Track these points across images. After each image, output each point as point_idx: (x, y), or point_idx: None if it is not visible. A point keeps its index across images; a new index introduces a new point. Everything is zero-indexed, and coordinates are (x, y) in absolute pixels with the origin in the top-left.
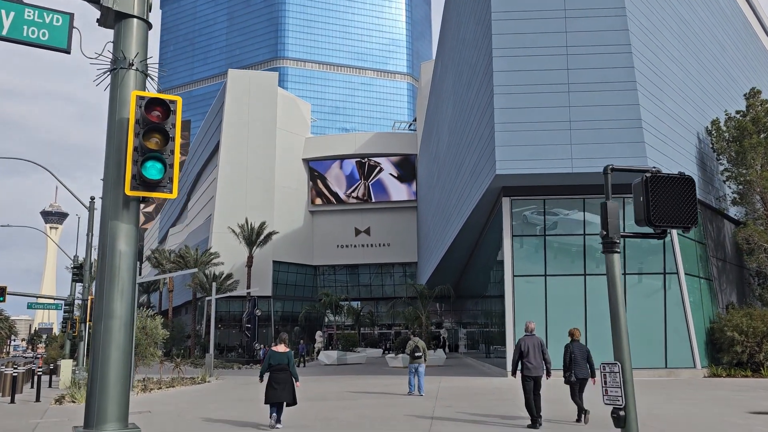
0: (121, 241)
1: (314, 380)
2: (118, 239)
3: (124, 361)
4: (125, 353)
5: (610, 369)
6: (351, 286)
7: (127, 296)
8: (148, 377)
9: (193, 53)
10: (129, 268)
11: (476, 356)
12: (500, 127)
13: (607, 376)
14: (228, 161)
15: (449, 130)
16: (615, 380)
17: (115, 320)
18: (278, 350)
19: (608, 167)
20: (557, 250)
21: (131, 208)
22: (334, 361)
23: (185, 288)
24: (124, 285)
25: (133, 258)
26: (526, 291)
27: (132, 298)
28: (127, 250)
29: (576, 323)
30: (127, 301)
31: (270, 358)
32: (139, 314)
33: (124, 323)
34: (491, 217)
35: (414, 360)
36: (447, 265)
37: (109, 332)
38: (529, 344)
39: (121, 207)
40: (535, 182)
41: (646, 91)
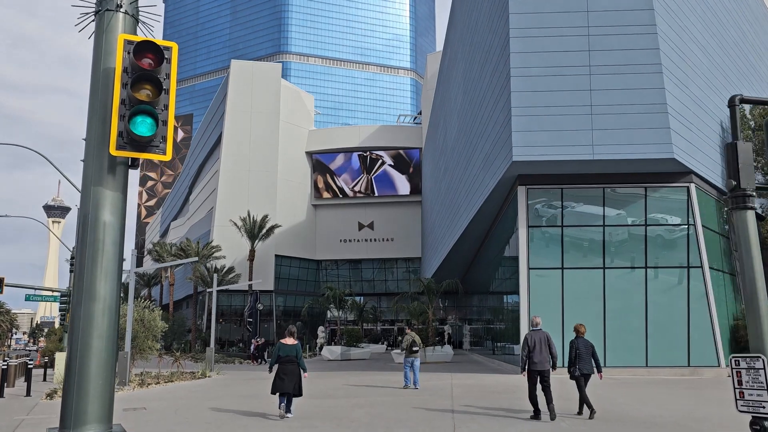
0: (106, 210)
1: (320, 376)
2: (101, 208)
3: (108, 351)
4: (109, 342)
5: (750, 364)
6: (354, 281)
7: (112, 276)
8: (146, 371)
9: (196, 47)
10: (114, 243)
11: (483, 353)
12: (517, 112)
13: (743, 373)
14: (230, 153)
15: (458, 119)
16: (758, 379)
17: (98, 303)
18: (287, 343)
19: (736, 97)
20: (575, 242)
21: (118, 173)
22: (338, 357)
23: (186, 282)
24: (109, 262)
25: (120, 231)
26: (542, 285)
27: (118, 277)
28: (113, 221)
29: (594, 319)
30: (112, 281)
31: (279, 350)
32: (137, 305)
33: (107, 307)
34: (504, 207)
35: (411, 354)
36: (453, 259)
37: (90, 318)
38: (536, 339)
39: (106, 170)
40: (552, 170)
41: (670, 74)
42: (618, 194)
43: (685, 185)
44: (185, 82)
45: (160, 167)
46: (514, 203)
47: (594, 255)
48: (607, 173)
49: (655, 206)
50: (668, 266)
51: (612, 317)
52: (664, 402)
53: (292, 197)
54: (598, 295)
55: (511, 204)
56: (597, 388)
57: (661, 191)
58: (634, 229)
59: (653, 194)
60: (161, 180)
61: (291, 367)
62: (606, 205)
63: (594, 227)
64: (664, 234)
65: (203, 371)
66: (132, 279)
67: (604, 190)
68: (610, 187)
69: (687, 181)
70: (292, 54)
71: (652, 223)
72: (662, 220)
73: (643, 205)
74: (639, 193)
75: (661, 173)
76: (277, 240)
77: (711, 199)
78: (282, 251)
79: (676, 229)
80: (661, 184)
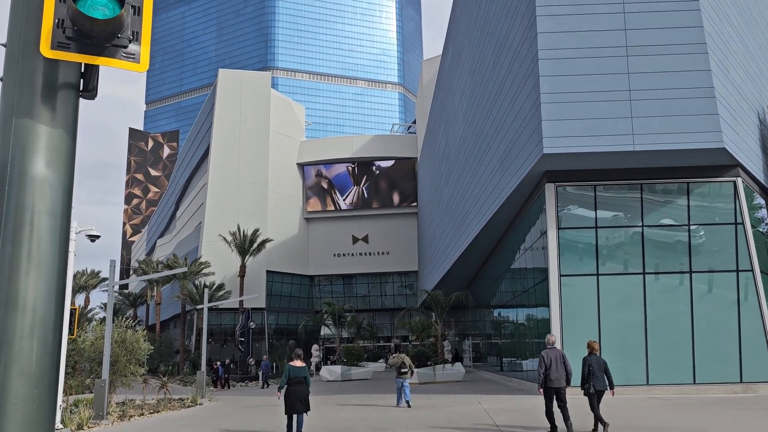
0: (38, 160)
1: (324, 401)
2: (31, 156)
3: (38, 399)
4: (41, 383)
5: None
6: (348, 296)
7: (47, 269)
8: (129, 399)
9: (182, 64)
10: (53, 213)
11: (492, 370)
12: (547, 99)
13: None
14: (218, 166)
15: (464, 122)
16: None
17: (19, 315)
18: (296, 365)
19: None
20: (611, 245)
21: (60, 96)
22: (338, 377)
23: (174, 300)
24: (42, 246)
25: (63, 194)
26: (575, 294)
27: (59, 272)
28: (52, 177)
29: (634, 331)
30: (46, 278)
31: (289, 372)
32: (118, 324)
33: (38, 322)
34: (525, 210)
35: (400, 375)
36: (457, 271)
37: (9, 339)
38: (552, 357)
39: (40, 91)
40: (583, 164)
41: (715, 57)
42: (657, 191)
43: (731, 179)
44: (171, 99)
45: (146, 184)
46: (539, 204)
47: (632, 259)
48: (644, 167)
49: (699, 203)
50: (715, 270)
51: (654, 328)
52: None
53: (284, 210)
54: (638, 304)
55: (535, 205)
56: (645, 410)
57: (706, 187)
58: (677, 230)
59: (696, 190)
60: (147, 198)
61: (300, 388)
62: (644, 204)
63: (631, 228)
64: (709, 234)
65: (193, 397)
66: (111, 294)
67: (642, 186)
68: (649, 183)
69: (733, 175)
70: (280, 69)
71: (696, 223)
72: (707, 219)
73: (685, 203)
74: (681, 190)
75: (704, 167)
76: (269, 255)
77: (755, 195)
78: (274, 267)
79: (722, 228)
80: (706, 178)
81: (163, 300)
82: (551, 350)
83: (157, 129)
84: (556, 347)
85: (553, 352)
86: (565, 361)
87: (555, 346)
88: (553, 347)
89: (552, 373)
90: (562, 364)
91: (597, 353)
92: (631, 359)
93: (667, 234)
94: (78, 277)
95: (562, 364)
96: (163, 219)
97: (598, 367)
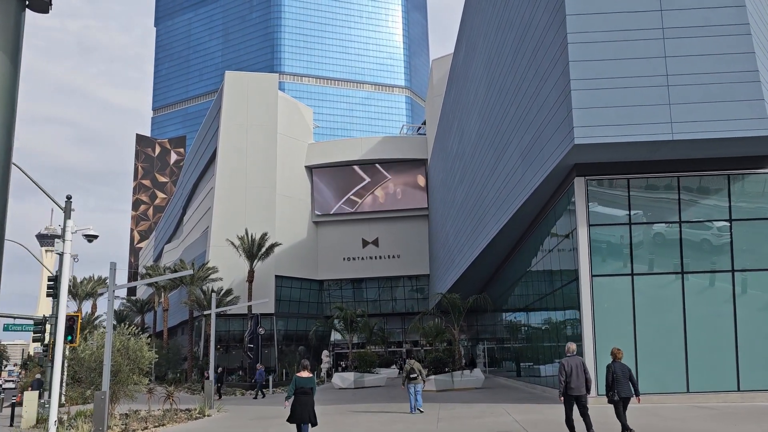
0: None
1: (340, 410)
2: None
3: None
4: None
5: None
6: (358, 301)
7: None
8: (133, 411)
9: (188, 70)
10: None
11: (508, 375)
12: (577, 85)
13: None
14: (226, 169)
15: (480, 116)
16: None
17: None
18: (303, 376)
19: None
20: (646, 242)
21: None
22: (351, 385)
23: (181, 307)
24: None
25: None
26: (608, 295)
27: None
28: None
29: (672, 332)
30: None
31: (296, 382)
32: (121, 332)
33: None
34: (550, 206)
35: (410, 381)
36: (472, 274)
37: None
38: (572, 364)
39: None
40: (616, 156)
41: (758, 39)
42: (695, 184)
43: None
44: (177, 105)
45: (153, 190)
46: (566, 199)
47: (669, 258)
48: (680, 159)
49: (741, 197)
50: (759, 269)
51: (694, 331)
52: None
53: (292, 214)
54: (676, 305)
55: (562, 201)
56: (692, 422)
57: (749, 179)
58: (717, 226)
59: (738, 183)
60: (154, 204)
61: (306, 398)
62: (681, 198)
63: (668, 224)
64: (752, 230)
65: (201, 408)
66: (111, 297)
67: (679, 179)
68: (686, 176)
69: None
70: (286, 74)
71: (738, 218)
72: (750, 213)
73: (726, 196)
74: (721, 182)
75: (747, 157)
76: (277, 260)
77: None
78: (282, 271)
79: (766, 224)
80: (749, 170)
81: (170, 306)
82: (571, 358)
83: (164, 135)
84: (575, 355)
85: (573, 360)
86: (585, 369)
87: (575, 354)
88: (573, 355)
89: (573, 381)
90: (582, 372)
91: (620, 360)
92: (670, 365)
93: (707, 230)
94: (84, 283)
95: (583, 372)
96: (171, 225)
97: (623, 374)
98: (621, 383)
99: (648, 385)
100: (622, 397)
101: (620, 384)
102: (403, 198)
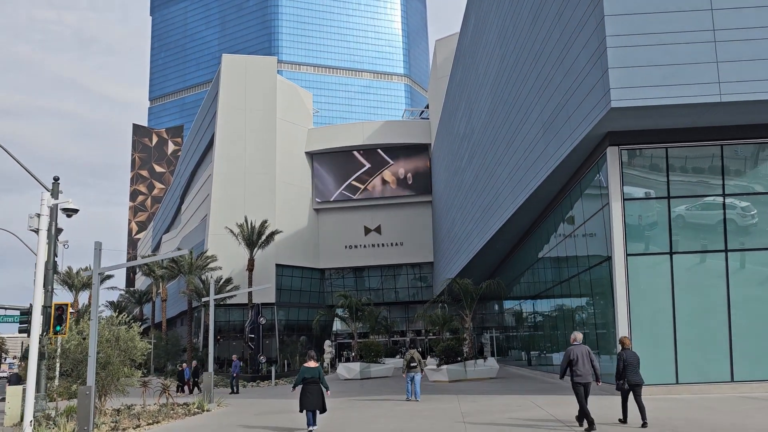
0: None
1: (352, 404)
2: None
3: None
4: None
5: None
6: (360, 290)
7: None
8: (127, 406)
9: (184, 60)
10: None
11: (522, 365)
12: (614, 42)
13: None
14: (224, 155)
15: (492, 92)
16: None
17: None
18: (310, 365)
19: None
20: (687, 218)
21: None
22: (357, 375)
23: (180, 297)
24: None
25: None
26: (645, 276)
27: None
28: None
29: (715, 318)
30: None
31: (303, 372)
32: (110, 320)
33: None
34: (576, 180)
35: (410, 370)
36: (481, 260)
37: None
38: (578, 353)
39: None
40: (654, 123)
41: None
42: (741, 153)
43: None
44: (174, 95)
45: (150, 180)
46: (594, 171)
47: (712, 235)
48: (725, 126)
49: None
50: None
51: (739, 316)
52: None
53: (292, 201)
54: (720, 287)
55: (590, 174)
56: (739, 415)
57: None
58: (765, 200)
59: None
60: (152, 194)
61: (315, 387)
62: (725, 169)
63: (711, 197)
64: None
65: (200, 402)
66: (96, 281)
67: (722, 148)
68: (731, 144)
69: None
70: (284, 63)
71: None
72: None
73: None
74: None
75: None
76: (278, 248)
77: None
78: (283, 260)
79: None
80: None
81: (169, 297)
82: (577, 347)
83: (161, 126)
84: (581, 344)
85: (579, 349)
86: (592, 358)
87: (581, 343)
88: (578, 344)
89: (579, 368)
90: (588, 361)
91: (630, 348)
92: (712, 352)
93: (754, 204)
94: (80, 273)
95: (589, 360)
96: (168, 214)
97: (635, 361)
98: (633, 371)
99: (688, 374)
100: (633, 385)
101: (633, 371)
102: (405, 184)
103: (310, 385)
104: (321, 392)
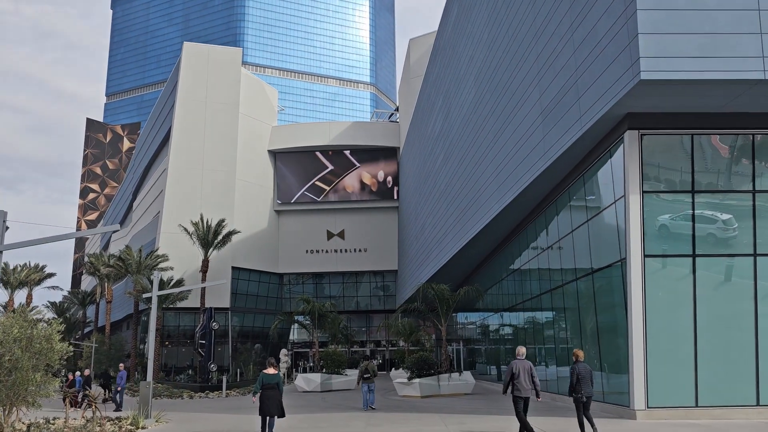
0: None
1: (316, 422)
2: None
3: None
4: None
5: None
6: (320, 297)
7: None
8: (46, 420)
9: (145, 56)
10: None
11: (489, 380)
12: (645, 4)
13: None
14: (181, 149)
15: (478, 82)
16: None
17: None
18: (269, 372)
19: None
20: (713, 216)
21: None
22: (317, 387)
23: (126, 298)
24: None
25: None
26: (664, 281)
27: None
28: None
29: (740, 328)
30: None
31: (263, 379)
32: (19, 314)
33: None
34: (578, 172)
35: (365, 381)
36: (452, 268)
37: None
38: (520, 367)
39: None
40: (678, 105)
41: None
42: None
43: None
44: (133, 92)
45: (103, 178)
46: (603, 162)
47: (740, 235)
48: (757, 113)
49: None
50: None
51: (767, 330)
52: None
53: (252, 201)
54: (746, 296)
55: (597, 164)
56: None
57: None
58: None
59: None
60: (104, 193)
61: (273, 393)
62: (756, 161)
63: (740, 194)
64: None
65: (134, 418)
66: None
67: (754, 137)
68: (762, 133)
69: None
70: (249, 65)
71: None
72: None
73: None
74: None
75: None
76: (235, 250)
77: None
78: (240, 263)
79: None
80: None
81: (115, 299)
82: (520, 361)
83: (117, 122)
84: (524, 359)
85: (522, 363)
86: (533, 373)
87: (524, 358)
88: (522, 359)
89: (520, 382)
90: (529, 376)
91: (582, 361)
92: (735, 370)
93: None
94: (18, 270)
95: (529, 375)
96: (120, 212)
97: (587, 375)
98: (585, 384)
99: (709, 396)
100: (587, 397)
101: (585, 384)
102: (372, 188)
103: (268, 392)
104: (279, 398)
